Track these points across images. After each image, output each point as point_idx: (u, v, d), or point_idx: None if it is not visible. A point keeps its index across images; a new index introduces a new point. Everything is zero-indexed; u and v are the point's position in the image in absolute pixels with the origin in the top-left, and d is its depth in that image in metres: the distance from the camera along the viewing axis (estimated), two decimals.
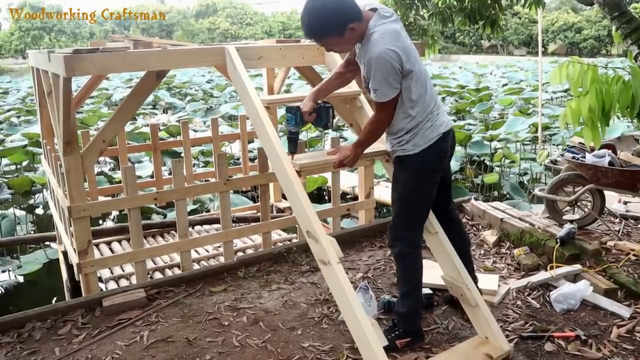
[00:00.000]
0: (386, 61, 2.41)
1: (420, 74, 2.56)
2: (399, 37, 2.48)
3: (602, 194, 4.06)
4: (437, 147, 2.62)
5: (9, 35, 51.03)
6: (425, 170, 2.64)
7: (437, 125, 2.62)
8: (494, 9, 5.55)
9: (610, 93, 2.85)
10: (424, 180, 2.65)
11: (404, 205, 2.70)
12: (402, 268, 2.73)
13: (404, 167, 2.68)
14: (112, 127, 3.76)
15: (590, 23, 47.76)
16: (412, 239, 2.70)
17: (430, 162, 2.64)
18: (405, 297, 2.71)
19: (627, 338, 2.83)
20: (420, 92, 2.57)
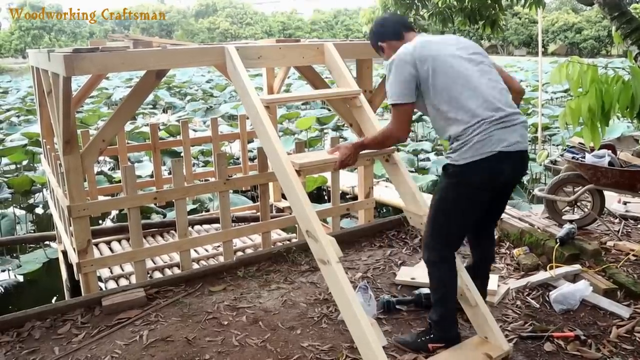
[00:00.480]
0: (397, 64, 2.46)
1: (458, 75, 2.42)
2: (419, 45, 2.49)
3: (601, 194, 4.06)
4: (486, 164, 2.38)
5: (8, 34, 51.03)
6: (465, 185, 2.46)
7: (492, 141, 2.37)
8: (494, 9, 5.55)
9: (610, 93, 2.85)
10: (462, 195, 2.49)
11: (436, 216, 2.59)
12: (430, 276, 2.66)
13: (446, 175, 2.54)
14: (112, 127, 3.76)
15: (590, 23, 47.79)
16: (438, 250, 2.59)
17: (473, 178, 2.43)
18: (436, 305, 2.65)
19: (626, 338, 2.83)
20: (459, 94, 2.41)
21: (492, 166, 2.40)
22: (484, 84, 2.45)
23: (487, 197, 2.54)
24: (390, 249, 4.06)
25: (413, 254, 3.97)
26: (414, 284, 3.41)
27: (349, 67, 3.68)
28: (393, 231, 4.39)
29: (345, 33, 58.74)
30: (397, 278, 3.51)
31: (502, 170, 2.44)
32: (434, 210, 2.60)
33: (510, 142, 2.40)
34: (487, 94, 2.43)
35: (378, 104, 4.56)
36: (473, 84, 2.43)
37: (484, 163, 2.38)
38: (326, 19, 64.73)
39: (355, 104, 3.40)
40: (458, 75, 2.43)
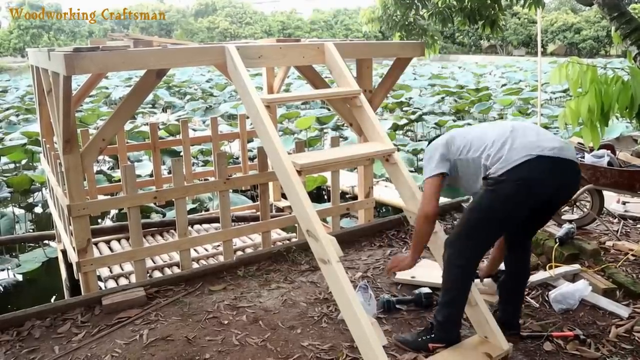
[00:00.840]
0: (429, 149, 2.73)
1: (470, 144, 2.60)
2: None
3: (601, 194, 4.07)
4: (520, 172, 2.37)
5: (8, 33, 50.96)
6: (500, 196, 2.43)
7: (527, 147, 2.42)
8: (493, 9, 5.55)
9: (610, 93, 2.85)
10: (496, 206, 2.45)
11: (467, 227, 2.57)
12: (446, 276, 2.62)
13: (485, 185, 2.50)
14: (112, 126, 3.76)
15: (589, 23, 47.81)
16: (462, 253, 2.56)
17: (508, 187, 2.39)
18: (444, 306, 2.63)
19: (625, 337, 2.84)
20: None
21: (530, 172, 2.38)
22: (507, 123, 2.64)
23: (524, 209, 2.49)
24: (390, 249, 4.07)
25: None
26: (414, 283, 3.41)
27: (349, 67, 3.68)
28: (393, 231, 4.40)
29: (344, 33, 58.72)
30: (397, 277, 3.51)
31: (541, 178, 2.40)
32: (466, 217, 2.61)
33: (545, 147, 2.41)
34: (497, 133, 2.58)
35: (378, 104, 4.57)
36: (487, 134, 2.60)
37: (521, 171, 2.38)
38: (326, 18, 64.70)
39: (355, 104, 3.40)
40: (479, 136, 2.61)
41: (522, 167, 2.38)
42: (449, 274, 2.60)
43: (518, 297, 2.87)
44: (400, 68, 4.54)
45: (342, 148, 4.23)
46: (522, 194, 2.41)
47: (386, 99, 12.59)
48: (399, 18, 6.05)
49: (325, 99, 4.24)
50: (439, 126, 12.62)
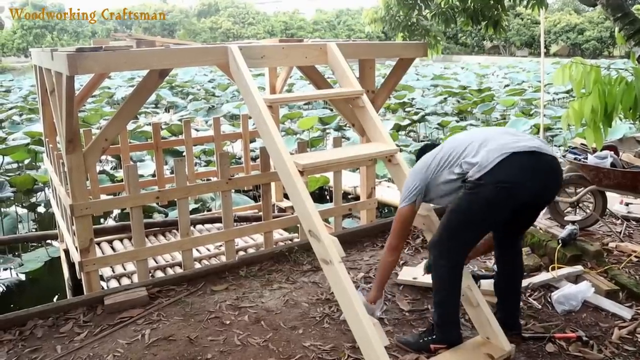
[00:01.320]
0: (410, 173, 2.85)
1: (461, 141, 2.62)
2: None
3: (603, 195, 4.06)
4: (498, 174, 2.36)
5: (11, 33, 51.05)
6: (480, 199, 2.43)
7: (501, 145, 2.42)
8: (496, 9, 5.54)
9: (613, 94, 2.84)
10: (475, 209, 2.47)
11: (448, 229, 2.58)
12: (434, 277, 2.65)
13: (465, 185, 2.51)
14: (115, 126, 3.77)
15: (592, 24, 47.68)
16: (447, 258, 2.58)
17: (488, 190, 2.39)
18: (436, 307, 2.65)
19: (628, 339, 2.83)
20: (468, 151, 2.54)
21: (508, 172, 2.36)
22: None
23: (506, 210, 2.49)
24: None
25: (415, 254, 3.97)
26: (416, 284, 3.41)
27: (351, 67, 3.68)
28: None
29: (347, 33, 58.70)
30: (398, 278, 3.51)
31: (520, 178, 2.38)
32: (447, 218, 2.59)
33: (525, 145, 2.41)
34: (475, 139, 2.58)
35: (380, 104, 4.56)
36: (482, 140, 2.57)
37: (498, 172, 2.37)
38: (328, 18, 64.68)
39: (357, 104, 3.40)
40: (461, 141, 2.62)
41: (500, 168, 2.36)
42: (435, 274, 2.64)
43: (514, 297, 2.86)
44: (402, 68, 4.54)
45: (345, 148, 4.23)
46: (501, 197, 2.41)
47: (389, 99, 12.59)
48: (401, 18, 6.04)
49: (328, 99, 4.24)
50: (442, 127, 12.60)
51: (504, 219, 2.56)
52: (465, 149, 2.54)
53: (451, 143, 2.67)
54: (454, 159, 2.56)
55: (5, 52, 50.85)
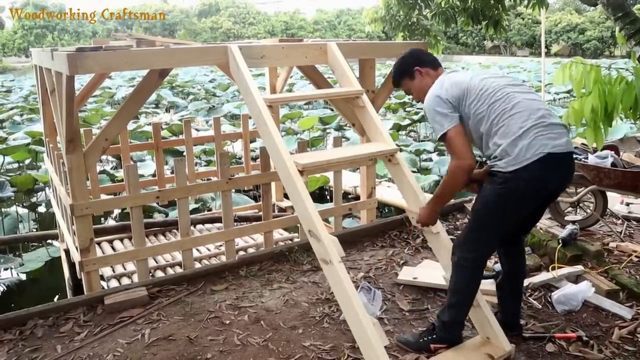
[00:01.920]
0: (431, 100, 2.53)
1: (485, 92, 2.44)
2: (445, 79, 2.58)
3: (604, 195, 4.05)
4: (532, 171, 2.33)
5: (12, 33, 51.07)
6: (510, 193, 2.39)
7: (540, 144, 2.33)
8: (497, 9, 5.55)
9: (614, 94, 2.84)
10: (504, 203, 2.43)
11: (476, 224, 2.56)
12: (455, 278, 2.60)
13: (490, 182, 2.46)
14: (115, 126, 3.77)
15: (593, 24, 47.65)
16: (472, 257, 2.55)
17: (518, 185, 2.36)
18: (451, 308, 2.63)
19: (628, 339, 2.83)
20: (504, 112, 2.40)
21: (536, 172, 2.34)
22: (521, 95, 2.45)
23: (531, 206, 2.51)
24: (392, 249, 4.06)
25: (415, 254, 3.97)
26: (416, 284, 3.41)
27: (351, 67, 3.68)
28: (395, 231, 4.39)
29: (348, 33, 58.71)
30: (399, 278, 3.51)
31: (546, 178, 2.38)
32: (475, 218, 2.57)
33: (555, 144, 2.36)
34: (531, 106, 2.42)
35: (380, 104, 4.56)
36: (512, 98, 2.43)
37: (528, 170, 2.33)
38: (329, 18, 64.69)
39: (357, 104, 3.40)
40: (497, 93, 2.45)
41: (534, 166, 2.33)
42: (459, 275, 2.59)
43: (516, 297, 2.85)
44: None
45: (345, 148, 4.23)
46: (529, 193, 2.41)
47: (389, 99, 12.59)
48: (402, 18, 6.05)
49: (328, 99, 4.24)
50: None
51: (527, 214, 2.57)
52: (499, 114, 2.40)
53: (482, 85, 2.48)
54: (492, 122, 2.41)
55: (6, 52, 50.88)
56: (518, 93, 2.44)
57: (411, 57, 2.78)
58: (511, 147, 2.35)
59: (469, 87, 2.49)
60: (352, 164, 4.75)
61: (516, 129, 2.36)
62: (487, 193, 2.49)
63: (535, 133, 2.35)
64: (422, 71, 2.70)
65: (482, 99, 2.44)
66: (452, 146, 2.46)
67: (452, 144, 2.46)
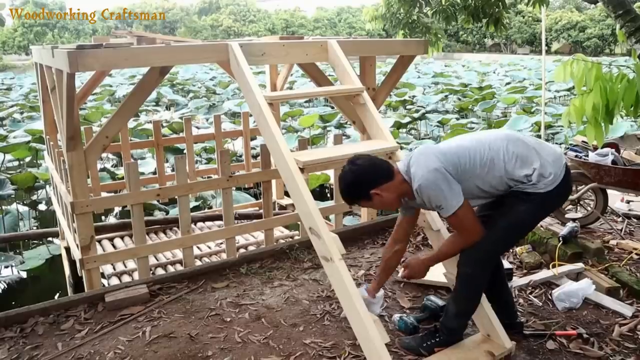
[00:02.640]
0: (430, 176, 2.33)
1: (484, 154, 2.40)
2: (438, 152, 2.41)
3: (604, 193, 4.05)
4: (564, 185, 2.44)
5: (12, 31, 51.04)
6: (543, 209, 2.50)
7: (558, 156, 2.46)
8: (497, 7, 5.53)
9: (615, 91, 2.83)
10: (538, 218, 2.55)
11: (505, 239, 2.54)
12: (467, 289, 2.57)
13: (529, 201, 2.42)
14: (115, 123, 3.77)
15: (594, 22, 47.59)
16: (488, 268, 2.55)
17: (554, 201, 2.48)
18: (459, 316, 2.62)
19: (629, 337, 2.83)
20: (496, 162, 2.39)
21: (566, 182, 2.46)
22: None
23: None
24: None
25: (416, 252, 3.97)
26: (416, 282, 3.40)
27: (352, 65, 3.68)
28: None
29: (348, 31, 58.67)
30: (399, 275, 3.50)
31: (571, 188, 2.59)
32: (504, 234, 2.49)
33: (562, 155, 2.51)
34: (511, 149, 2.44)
35: (381, 102, 4.56)
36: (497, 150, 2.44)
37: (563, 182, 2.43)
38: (329, 16, 64.65)
39: (358, 102, 3.40)
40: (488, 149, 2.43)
41: (565, 180, 2.44)
42: (473, 289, 2.57)
43: (507, 293, 2.86)
44: (403, 66, 4.54)
45: (345, 146, 4.22)
46: (557, 205, 2.65)
47: (389, 96, 12.59)
48: (402, 16, 6.04)
49: (329, 96, 4.23)
50: (442, 124, 12.59)
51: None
52: (512, 155, 2.40)
53: (482, 150, 2.43)
54: (500, 166, 2.41)
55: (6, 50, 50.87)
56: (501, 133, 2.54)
57: (362, 177, 2.43)
58: (543, 169, 2.39)
59: (464, 148, 2.43)
60: None
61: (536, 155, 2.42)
62: (526, 214, 2.45)
63: (549, 150, 2.48)
64: (380, 190, 2.42)
65: (481, 148, 2.43)
66: (464, 224, 2.39)
67: (464, 221, 2.38)
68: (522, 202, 2.43)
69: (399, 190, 2.46)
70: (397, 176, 2.46)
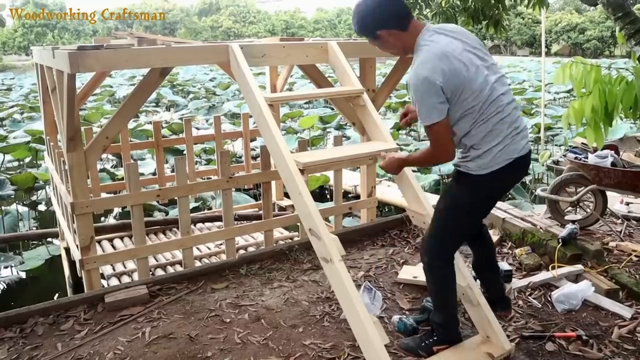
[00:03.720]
0: (422, 82, 2.23)
1: (480, 93, 2.28)
2: (445, 57, 2.24)
3: (604, 195, 4.05)
4: (504, 174, 2.37)
5: (12, 32, 51.08)
6: (479, 194, 2.45)
7: (511, 149, 2.36)
8: (497, 8, 5.54)
9: (614, 93, 2.84)
10: (477, 204, 2.49)
11: (445, 220, 2.53)
12: (433, 280, 2.60)
13: (459, 182, 2.48)
14: (116, 124, 3.77)
15: (593, 24, 47.66)
16: (443, 253, 2.56)
17: (488, 188, 2.42)
18: (439, 310, 2.64)
19: (628, 338, 2.83)
20: (482, 112, 2.31)
21: (507, 174, 2.40)
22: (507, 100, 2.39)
23: (496, 202, 2.62)
24: (392, 248, 4.06)
25: (415, 253, 3.97)
26: (416, 283, 3.41)
27: (352, 66, 3.68)
28: (395, 230, 4.40)
29: (348, 32, 58.70)
30: (399, 277, 3.51)
31: (516, 178, 2.53)
32: (444, 216, 2.53)
33: (520, 148, 2.41)
34: (509, 107, 2.39)
35: (381, 103, 4.57)
36: (498, 99, 2.35)
37: (502, 172, 2.37)
38: (329, 17, 64.73)
39: (358, 103, 3.40)
40: (485, 91, 2.31)
41: (503, 170, 2.37)
42: (435, 278, 2.59)
43: (494, 270, 2.90)
44: (403, 67, 4.54)
45: (345, 147, 4.23)
46: (499, 190, 2.54)
47: (389, 98, 12.58)
48: None
49: (328, 97, 4.24)
50: None
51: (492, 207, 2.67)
52: (485, 120, 2.32)
53: (477, 86, 2.28)
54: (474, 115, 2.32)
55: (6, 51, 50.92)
56: (503, 95, 2.36)
57: (374, 13, 2.36)
58: (487, 154, 2.35)
59: (467, 80, 2.25)
60: (352, 163, 4.75)
61: (494, 137, 2.34)
62: (458, 194, 2.50)
63: (509, 141, 2.36)
64: (388, 34, 2.37)
65: (478, 98, 2.29)
66: (436, 139, 2.34)
67: (437, 137, 2.33)
68: (456, 184, 2.51)
69: (405, 44, 2.40)
70: (412, 31, 2.36)
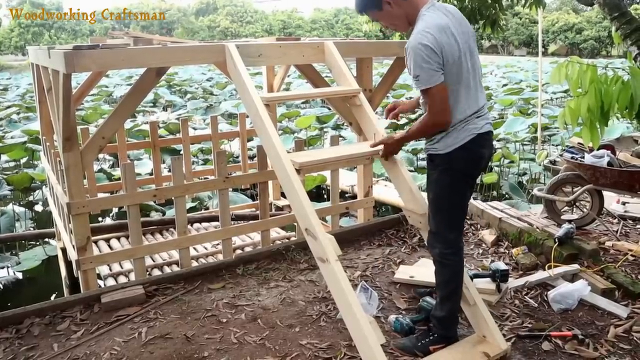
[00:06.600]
0: (421, 49, 2.29)
1: (461, 73, 2.40)
2: (445, 31, 2.35)
3: (600, 195, 4.07)
4: (468, 150, 2.45)
5: (8, 31, 50.97)
6: (455, 171, 2.50)
7: (471, 127, 2.45)
8: (494, 8, 5.56)
9: (610, 93, 2.85)
10: (455, 179, 2.53)
11: (439, 204, 2.58)
12: (442, 271, 2.61)
13: (434, 166, 2.56)
14: (112, 124, 3.76)
15: (590, 24, 47.78)
16: (451, 239, 2.59)
17: (459, 163, 2.48)
18: (445, 301, 2.64)
19: (624, 338, 2.84)
20: (458, 92, 2.41)
21: (472, 150, 2.48)
22: (475, 84, 2.50)
23: (473, 181, 2.64)
24: (389, 248, 4.07)
25: (412, 253, 3.98)
26: (413, 282, 3.41)
27: (349, 66, 3.68)
28: (392, 230, 4.40)
29: (345, 32, 58.75)
30: (395, 276, 3.52)
31: (481, 154, 2.55)
32: (436, 201, 2.59)
33: (482, 126, 2.50)
34: (474, 89, 2.49)
35: (378, 103, 4.57)
36: (469, 84, 2.46)
37: (466, 147, 2.45)
38: (326, 17, 64.74)
39: (354, 103, 3.40)
40: (463, 74, 2.42)
41: (468, 145, 2.45)
42: (444, 267, 2.61)
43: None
44: (400, 67, 4.54)
45: (342, 147, 4.23)
46: (473, 166, 2.56)
47: (386, 98, 12.58)
48: None
49: (325, 97, 4.24)
50: None
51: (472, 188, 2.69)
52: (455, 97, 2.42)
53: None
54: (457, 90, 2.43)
55: (2, 50, 50.79)
56: (474, 81, 2.47)
57: None
58: (450, 133, 2.45)
59: (456, 58, 2.37)
60: (349, 162, 4.75)
61: (458, 119, 2.43)
62: (435, 177, 2.56)
63: (469, 121, 2.46)
64: (393, 2, 2.44)
65: (456, 79, 2.39)
66: (434, 102, 2.38)
67: (434, 100, 2.37)
68: (432, 170, 2.58)
69: (408, 14, 2.47)
70: (413, 3, 2.45)
